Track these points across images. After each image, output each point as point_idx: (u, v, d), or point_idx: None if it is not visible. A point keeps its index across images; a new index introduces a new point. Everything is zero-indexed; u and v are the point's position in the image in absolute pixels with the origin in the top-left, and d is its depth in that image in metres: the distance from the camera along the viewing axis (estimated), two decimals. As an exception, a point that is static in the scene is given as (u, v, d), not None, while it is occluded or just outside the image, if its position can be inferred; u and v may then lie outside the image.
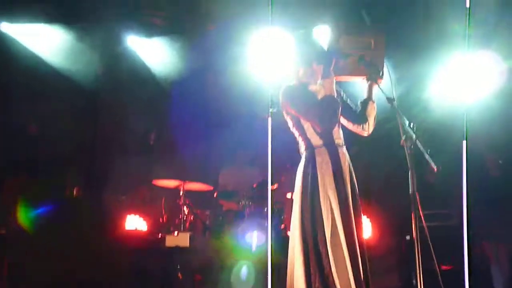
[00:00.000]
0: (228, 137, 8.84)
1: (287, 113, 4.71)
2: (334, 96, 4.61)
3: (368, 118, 4.89)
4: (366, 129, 4.92)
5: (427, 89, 7.59)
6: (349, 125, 4.94)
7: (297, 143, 4.74)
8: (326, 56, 4.59)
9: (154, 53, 8.80)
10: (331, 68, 4.60)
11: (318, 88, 4.74)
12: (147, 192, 8.66)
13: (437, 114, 7.33)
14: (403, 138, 4.20)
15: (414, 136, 4.15)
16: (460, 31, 6.43)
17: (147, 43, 8.67)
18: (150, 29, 8.54)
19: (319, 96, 4.65)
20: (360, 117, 4.88)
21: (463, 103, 6.50)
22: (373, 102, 4.90)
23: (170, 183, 8.30)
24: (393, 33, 6.18)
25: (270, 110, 5.96)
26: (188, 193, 8.27)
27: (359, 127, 4.91)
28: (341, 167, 4.64)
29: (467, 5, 6.23)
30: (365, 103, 4.92)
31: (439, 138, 6.67)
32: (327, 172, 4.56)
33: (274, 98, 5.55)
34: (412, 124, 4.20)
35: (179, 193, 8.18)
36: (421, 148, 4.14)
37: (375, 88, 4.85)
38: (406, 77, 7.34)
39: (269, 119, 6.10)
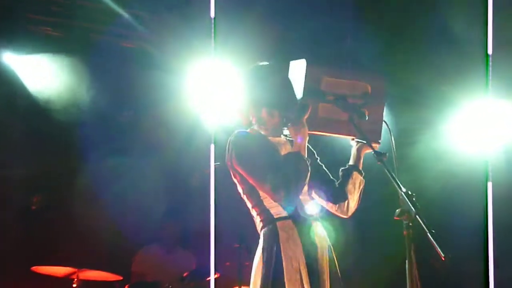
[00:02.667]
0: (149, 201, 6.68)
1: (234, 172, 3.40)
2: (302, 155, 3.31)
3: (349, 196, 3.55)
4: (345, 211, 3.57)
5: (438, 138, 6.53)
6: (322, 202, 3.57)
7: (250, 214, 3.48)
8: (296, 101, 3.36)
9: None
10: (304, 117, 3.33)
11: (282, 141, 3.49)
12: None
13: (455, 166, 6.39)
14: (397, 213, 2.96)
15: (413, 210, 2.91)
16: (480, 78, 5.77)
17: (32, 61, 6.13)
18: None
19: (282, 152, 3.41)
20: (337, 193, 3.54)
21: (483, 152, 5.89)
22: (360, 173, 3.58)
23: (59, 270, 5.93)
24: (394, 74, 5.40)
25: (214, 163, 4.77)
26: (85, 285, 5.97)
27: (334, 207, 3.56)
28: (316, 248, 3.32)
29: (489, 52, 5.58)
30: (348, 172, 3.57)
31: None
32: (295, 255, 3.26)
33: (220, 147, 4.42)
34: (409, 193, 2.95)
35: (71, 286, 5.86)
36: (424, 227, 2.88)
37: (365, 153, 3.59)
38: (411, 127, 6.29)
39: (211, 176, 4.87)
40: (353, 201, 3.58)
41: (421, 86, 6.47)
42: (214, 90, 5.56)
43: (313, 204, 3.46)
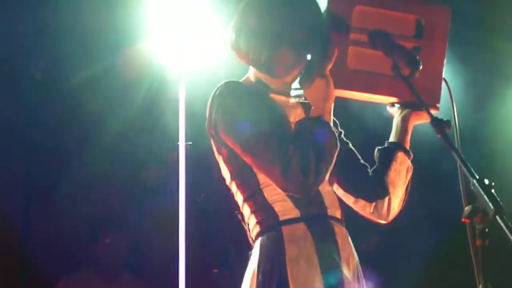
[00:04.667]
0: (79, 203, 4.69)
1: (219, 144, 2.32)
2: (327, 123, 2.22)
3: (391, 189, 2.46)
4: (384, 213, 2.47)
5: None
6: (348, 199, 2.48)
7: (238, 212, 2.36)
8: (321, 36, 2.23)
9: None
10: (327, 67, 2.23)
11: (291, 102, 2.35)
12: None
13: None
14: (466, 212, 1.99)
15: (491, 208, 1.94)
16: None
17: None
18: None
19: (291, 117, 2.32)
20: (373, 185, 2.46)
21: None
22: (408, 155, 2.48)
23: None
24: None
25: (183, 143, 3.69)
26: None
27: (368, 206, 2.47)
28: (340, 269, 2.23)
29: None
30: (390, 154, 2.46)
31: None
32: (309, 283, 2.17)
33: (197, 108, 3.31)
34: (486, 182, 1.98)
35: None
36: (510, 234, 1.92)
37: (415, 123, 2.49)
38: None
39: (181, 157, 3.80)
40: (396, 198, 2.49)
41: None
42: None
43: (336, 200, 2.41)
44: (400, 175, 2.47)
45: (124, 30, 4.62)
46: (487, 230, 1.97)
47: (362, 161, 2.53)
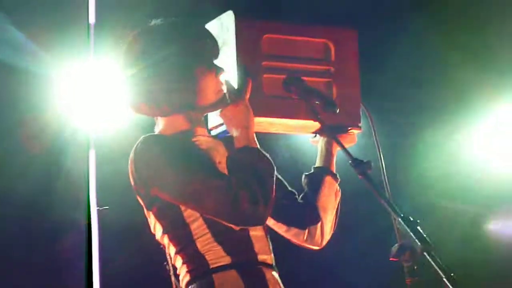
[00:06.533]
0: None
1: (150, 200, 2.19)
2: (257, 149, 2.16)
3: (322, 214, 2.40)
4: (317, 239, 2.41)
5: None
6: (280, 228, 2.42)
7: (167, 264, 2.25)
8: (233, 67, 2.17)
9: None
10: (245, 96, 2.18)
11: (210, 141, 2.26)
12: None
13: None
14: (393, 251, 1.96)
15: (419, 245, 1.92)
16: None
17: None
18: None
19: (218, 156, 2.19)
20: (304, 212, 2.39)
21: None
22: (336, 178, 2.45)
23: None
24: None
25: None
26: None
27: (301, 234, 2.40)
28: None
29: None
30: (318, 179, 2.40)
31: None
32: None
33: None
34: (411, 219, 1.95)
35: None
36: (440, 270, 1.89)
37: (338, 148, 2.40)
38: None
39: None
40: (328, 223, 2.42)
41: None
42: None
43: (267, 244, 2.27)
44: (330, 199, 2.44)
45: (27, 100, 4.51)
46: (416, 267, 1.95)
47: (290, 188, 2.47)
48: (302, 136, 2.61)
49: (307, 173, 2.48)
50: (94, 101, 4.54)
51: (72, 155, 4.55)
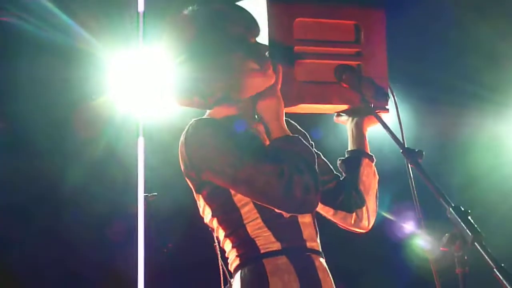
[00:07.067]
0: None
1: (200, 185, 2.19)
2: (298, 137, 2.16)
3: (366, 196, 2.40)
4: (364, 223, 2.42)
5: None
6: (328, 212, 2.39)
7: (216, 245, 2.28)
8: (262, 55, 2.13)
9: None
10: (278, 85, 2.16)
11: (260, 124, 2.22)
12: None
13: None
14: (444, 240, 1.96)
15: (469, 235, 1.92)
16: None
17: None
18: None
19: (262, 138, 2.19)
20: (351, 195, 2.38)
21: None
22: (371, 159, 2.44)
23: None
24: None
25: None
26: None
27: (349, 217, 2.39)
28: None
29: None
30: (355, 162, 2.41)
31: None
32: None
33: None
34: (462, 208, 1.96)
35: None
36: (490, 260, 1.89)
37: (369, 127, 2.45)
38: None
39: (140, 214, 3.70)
40: (372, 205, 2.42)
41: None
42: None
43: (314, 232, 2.27)
44: (370, 181, 2.43)
45: (80, 86, 4.60)
46: (465, 257, 1.94)
47: (335, 172, 2.46)
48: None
49: (342, 158, 2.46)
50: (144, 88, 4.62)
51: (123, 142, 4.63)
